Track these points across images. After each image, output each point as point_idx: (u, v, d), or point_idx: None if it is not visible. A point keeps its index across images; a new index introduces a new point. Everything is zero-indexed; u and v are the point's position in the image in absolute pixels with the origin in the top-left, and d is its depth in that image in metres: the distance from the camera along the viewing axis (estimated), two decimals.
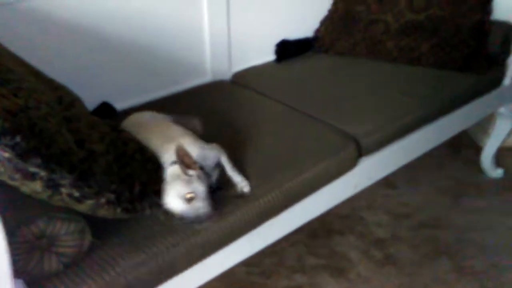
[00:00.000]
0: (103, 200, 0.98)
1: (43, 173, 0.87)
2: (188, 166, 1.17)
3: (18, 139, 0.83)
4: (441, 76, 2.00)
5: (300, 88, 1.96)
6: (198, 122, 1.55)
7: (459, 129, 2.12)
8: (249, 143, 1.53)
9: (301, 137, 1.61)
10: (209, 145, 1.35)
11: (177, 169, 1.18)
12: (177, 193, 1.13)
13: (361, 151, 1.62)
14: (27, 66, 1.21)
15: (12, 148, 0.82)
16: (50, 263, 1.00)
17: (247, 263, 1.87)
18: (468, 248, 2.00)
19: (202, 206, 1.14)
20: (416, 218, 2.18)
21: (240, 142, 1.52)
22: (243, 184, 1.34)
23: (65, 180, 0.90)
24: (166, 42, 1.87)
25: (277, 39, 2.22)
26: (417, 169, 2.44)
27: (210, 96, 1.88)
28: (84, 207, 0.98)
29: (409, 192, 2.35)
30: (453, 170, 2.51)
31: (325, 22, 2.28)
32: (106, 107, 1.71)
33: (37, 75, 1.19)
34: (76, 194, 0.93)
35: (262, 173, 1.40)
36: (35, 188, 0.88)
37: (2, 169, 0.85)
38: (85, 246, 1.04)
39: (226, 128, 1.62)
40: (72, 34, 1.63)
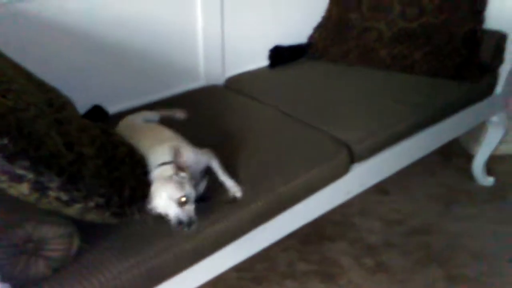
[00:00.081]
0: (92, 204, 0.97)
1: (31, 176, 0.86)
2: (181, 168, 1.16)
3: (6, 141, 0.82)
4: (434, 84, 2.01)
5: (293, 94, 1.96)
6: (182, 112, 1.65)
7: (451, 137, 2.12)
8: (242, 148, 1.52)
9: (294, 143, 1.61)
10: (201, 150, 1.36)
11: (167, 171, 1.16)
12: (170, 196, 1.09)
13: (354, 158, 1.62)
14: (19, 68, 1.20)
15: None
16: (38, 267, 0.98)
17: (239, 269, 1.86)
18: (459, 255, 2.01)
19: (193, 210, 1.13)
20: (408, 225, 2.18)
21: (233, 147, 1.52)
22: (235, 189, 1.33)
23: (53, 183, 0.89)
24: (160, 46, 1.86)
25: (271, 45, 2.22)
26: (409, 176, 2.45)
27: (203, 101, 1.88)
28: (73, 211, 0.97)
29: (401, 199, 2.36)
30: (445, 178, 2.52)
31: (319, 29, 2.28)
32: (98, 110, 1.70)
33: (29, 77, 1.18)
34: (64, 198, 0.92)
35: (254, 179, 1.40)
36: (23, 191, 0.87)
37: None
38: (73, 250, 1.03)
39: (219, 133, 1.62)
40: (66, 37, 1.62)
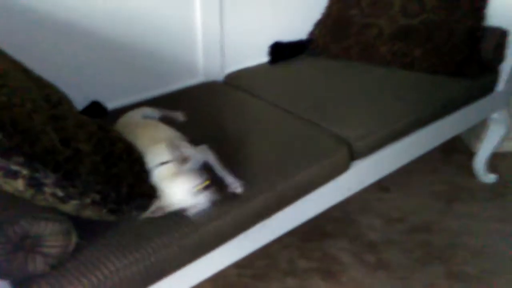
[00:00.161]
0: (88, 201, 0.96)
1: (26, 172, 0.85)
2: (183, 160, 1.18)
3: (0, 136, 0.81)
4: (434, 81, 2.00)
5: (293, 91, 1.95)
6: (181, 115, 1.64)
7: (452, 134, 2.11)
8: (241, 145, 1.52)
9: (294, 140, 1.59)
10: (197, 147, 1.36)
11: (170, 168, 1.18)
12: (188, 189, 1.14)
13: (354, 155, 1.61)
14: (16, 64, 1.19)
15: None
16: (35, 264, 0.98)
17: (239, 265, 1.85)
18: (461, 253, 2.00)
19: (209, 191, 1.17)
20: (409, 222, 2.17)
21: (232, 144, 1.51)
22: (236, 185, 1.33)
23: (49, 179, 0.88)
24: (158, 42, 1.85)
25: (271, 41, 2.21)
26: (410, 173, 2.44)
27: (202, 97, 1.87)
28: (69, 207, 0.96)
29: (402, 196, 2.35)
30: (446, 175, 2.51)
31: (319, 25, 2.27)
32: (97, 106, 1.69)
33: (27, 73, 1.17)
34: (60, 194, 0.91)
35: (254, 175, 1.39)
36: (18, 187, 0.86)
37: None
38: (71, 247, 1.02)
39: (218, 129, 1.61)
40: (64, 33, 1.61)
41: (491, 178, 2.45)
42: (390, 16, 2.11)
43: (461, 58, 2.00)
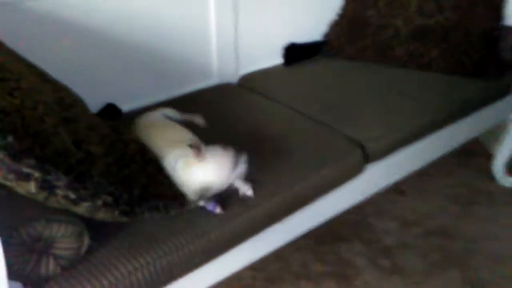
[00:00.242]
0: (100, 203, 0.97)
1: (37, 174, 0.86)
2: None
3: (11, 139, 0.82)
4: (451, 82, 1.96)
5: (308, 92, 1.94)
6: (201, 118, 1.63)
7: (470, 137, 2.08)
8: (254, 147, 1.50)
9: (307, 142, 1.59)
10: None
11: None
12: (230, 167, 1.23)
13: (368, 158, 1.59)
14: (31, 67, 1.20)
15: (4, 148, 0.81)
16: (48, 266, 0.99)
17: (252, 268, 1.85)
18: (478, 258, 1.96)
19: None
20: (425, 226, 2.14)
21: (245, 146, 1.50)
22: (245, 188, 1.32)
23: (61, 182, 0.89)
24: (173, 44, 1.86)
25: (286, 42, 2.20)
26: (427, 176, 2.40)
27: (216, 99, 1.87)
28: (81, 209, 0.96)
29: (418, 199, 2.31)
30: (464, 178, 2.46)
31: (334, 26, 2.25)
32: (112, 109, 1.70)
33: (42, 76, 1.19)
34: (72, 196, 0.92)
35: (267, 177, 1.38)
36: (30, 189, 0.87)
37: None
38: (83, 249, 1.03)
39: (232, 131, 1.60)
40: (78, 35, 1.63)
41: (511, 182, 2.40)
42: (407, 16, 2.09)
43: (479, 59, 1.97)
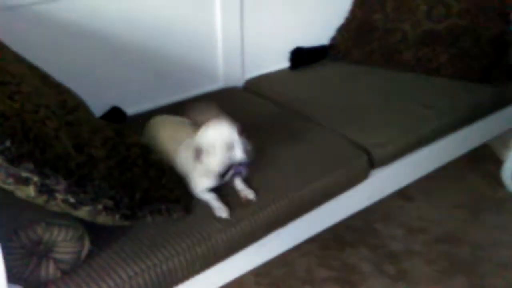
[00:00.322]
0: (100, 207, 0.96)
1: (36, 179, 0.86)
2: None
3: (8, 144, 0.82)
4: (460, 88, 1.94)
5: (313, 97, 1.93)
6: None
7: (478, 143, 2.05)
8: (259, 152, 1.49)
9: (312, 147, 1.58)
10: None
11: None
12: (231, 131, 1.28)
13: (374, 163, 1.58)
14: (35, 69, 1.21)
15: (2, 153, 0.81)
16: (48, 270, 0.99)
17: (256, 273, 1.83)
18: (486, 266, 1.93)
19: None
20: (432, 233, 2.11)
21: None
22: (248, 192, 1.32)
23: (60, 186, 0.89)
24: (179, 48, 1.86)
25: (292, 46, 2.19)
26: (435, 181, 2.37)
27: (222, 103, 1.83)
28: (82, 213, 0.96)
29: (426, 205, 2.29)
30: (472, 184, 2.43)
31: (342, 30, 2.24)
32: (116, 112, 1.70)
33: (44, 79, 1.19)
34: (72, 200, 0.92)
35: (271, 182, 1.38)
36: (29, 193, 0.87)
37: None
38: (83, 254, 1.03)
39: None
40: (84, 39, 1.63)
41: None
42: (415, 21, 2.07)
43: (488, 64, 1.95)
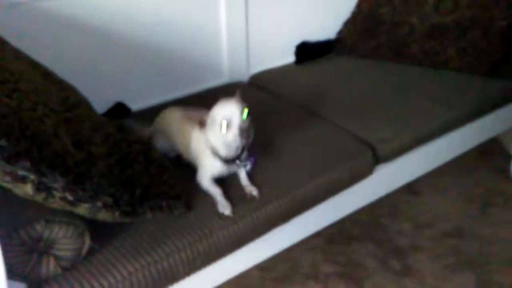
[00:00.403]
0: (100, 204, 0.96)
1: (33, 177, 0.86)
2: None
3: (4, 142, 0.82)
4: (468, 81, 1.92)
5: (320, 92, 1.91)
6: None
7: (486, 137, 2.03)
8: (263, 147, 1.49)
9: (316, 142, 1.57)
10: None
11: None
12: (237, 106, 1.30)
13: (378, 159, 1.57)
14: (37, 67, 1.21)
15: None
16: (48, 266, 0.99)
17: (261, 268, 1.83)
18: (493, 261, 1.91)
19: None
20: (439, 228, 2.09)
21: (254, 146, 1.49)
22: (252, 188, 1.32)
23: (58, 184, 0.89)
24: (183, 43, 1.85)
25: (297, 41, 2.17)
26: (443, 176, 2.35)
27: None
28: (82, 210, 0.97)
29: (433, 200, 2.27)
30: (481, 178, 2.40)
31: (348, 24, 2.22)
32: (120, 108, 1.71)
33: (46, 76, 1.19)
34: (70, 198, 0.92)
35: (274, 178, 1.38)
36: (27, 191, 0.87)
37: None
38: (84, 250, 1.03)
39: None
40: (86, 35, 1.63)
41: None
42: (422, 14, 2.04)
43: (497, 57, 1.92)
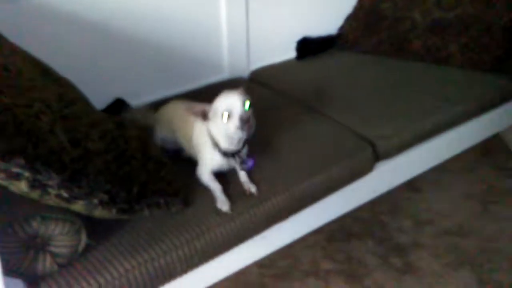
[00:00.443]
0: (96, 201, 0.96)
1: (27, 174, 0.85)
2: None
3: None
4: (470, 78, 1.91)
5: (320, 87, 1.90)
6: None
7: (488, 134, 2.01)
8: (263, 143, 1.49)
9: (316, 139, 1.56)
10: None
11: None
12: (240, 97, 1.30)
13: (378, 156, 1.56)
14: (35, 63, 1.20)
15: None
16: (44, 263, 0.99)
17: (261, 265, 1.83)
18: (494, 259, 1.90)
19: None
20: (440, 225, 2.08)
21: (254, 142, 1.48)
22: (251, 185, 1.31)
23: (53, 181, 0.88)
24: (183, 39, 1.84)
25: (298, 36, 2.16)
26: (445, 173, 2.33)
27: None
28: (78, 207, 0.96)
29: (434, 197, 2.25)
30: (483, 175, 2.39)
31: (350, 19, 2.20)
32: (120, 103, 1.70)
33: (44, 72, 1.18)
34: (65, 195, 0.91)
35: (272, 175, 1.37)
36: (22, 188, 0.87)
37: None
38: (80, 247, 1.03)
39: None
40: (86, 31, 1.63)
41: None
42: (424, 9, 2.03)
43: (499, 53, 1.90)
